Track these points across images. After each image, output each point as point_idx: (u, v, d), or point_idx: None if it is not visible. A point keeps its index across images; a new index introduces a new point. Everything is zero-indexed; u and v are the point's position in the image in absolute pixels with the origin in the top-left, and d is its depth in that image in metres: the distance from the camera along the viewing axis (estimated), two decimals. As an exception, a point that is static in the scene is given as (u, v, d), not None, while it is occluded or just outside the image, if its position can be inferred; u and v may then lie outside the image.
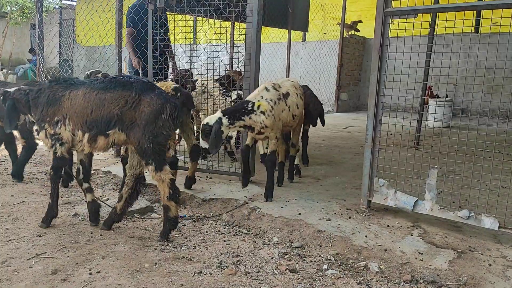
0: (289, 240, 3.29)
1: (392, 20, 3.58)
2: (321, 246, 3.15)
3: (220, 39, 4.88)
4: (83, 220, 3.58)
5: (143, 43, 5.14)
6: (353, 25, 11.85)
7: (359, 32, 12.13)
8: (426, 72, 5.61)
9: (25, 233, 3.26)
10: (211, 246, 3.19)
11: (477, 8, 4.24)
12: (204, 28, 4.91)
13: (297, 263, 2.92)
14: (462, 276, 2.70)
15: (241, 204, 3.90)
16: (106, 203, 3.72)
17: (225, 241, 3.29)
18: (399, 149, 3.87)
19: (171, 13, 5.20)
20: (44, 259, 2.84)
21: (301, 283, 2.66)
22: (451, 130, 7.96)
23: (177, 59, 6.00)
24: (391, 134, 3.86)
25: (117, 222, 3.42)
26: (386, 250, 3.02)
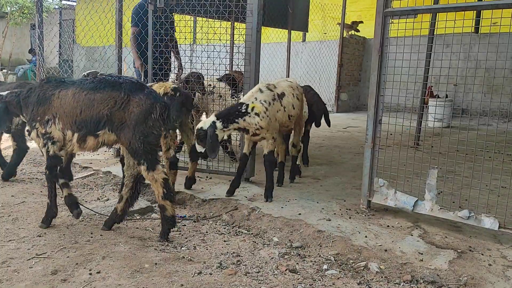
0: (289, 240, 3.29)
1: (392, 20, 3.58)
2: (321, 246, 3.15)
3: (220, 39, 4.88)
4: (83, 220, 3.58)
5: (147, 43, 5.11)
6: (353, 25, 11.85)
7: (359, 32, 12.13)
8: (426, 72, 5.61)
9: (25, 233, 3.26)
10: (211, 246, 3.19)
11: (477, 8, 4.24)
12: (204, 28, 4.91)
13: (297, 263, 2.92)
14: (462, 276, 2.70)
15: (241, 204, 3.90)
16: (88, 208, 3.74)
17: (225, 241, 3.29)
18: (399, 149, 3.87)
19: (174, 14, 5.20)
20: (44, 260, 2.84)
21: (301, 283, 2.66)
22: (451, 130, 7.96)
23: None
24: (391, 134, 3.86)
25: (118, 223, 3.43)
26: (386, 250, 3.02)
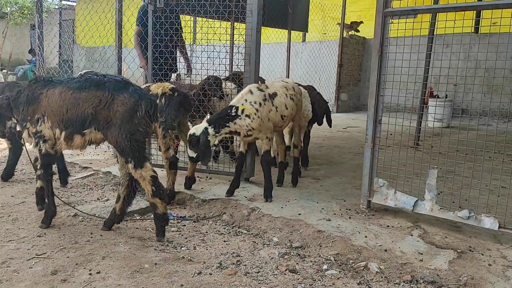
0: (289, 240, 3.29)
1: (392, 20, 3.58)
2: (321, 246, 3.15)
3: (220, 40, 4.88)
4: (83, 220, 3.58)
5: (153, 43, 5.05)
6: (353, 26, 11.85)
7: (359, 32, 12.13)
8: (426, 72, 5.61)
9: (25, 233, 3.26)
10: (211, 246, 3.19)
11: (477, 8, 4.24)
12: (204, 28, 4.91)
13: (297, 264, 2.92)
14: (462, 276, 2.70)
15: (241, 204, 3.89)
16: (78, 209, 3.75)
17: (225, 241, 3.29)
18: (399, 149, 3.87)
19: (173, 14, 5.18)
20: (44, 260, 2.84)
21: (301, 284, 2.66)
22: (451, 130, 7.96)
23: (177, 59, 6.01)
24: (391, 134, 3.86)
25: (117, 223, 3.42)
26: (386, 250, 3.02)
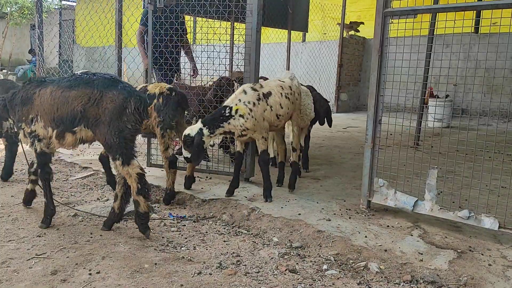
0: (289, 240, 3.29)
1: (392, 20, 3.58)
2: (321, 246, 3.15)
3: (220, 40, 4.88)
4: (82, 220, 3.58)
5: (161, 43, 5.00)
6: (353, 26, 11.84)
7: (359, 32, 12.13)
8: (426, 72, 5.61)
9: (24, 233, 3.26)
10: (211, 246, 3.19)
11: (477, 8, 4.24)
12: (203, 28, 4.90)
13: (297, 264, 2.92)
14: (462, 276, 2.70)
15: (241, 204, 3.89)
16: (77, 209, 3.76)
17: (225, 241, 3.29)
18: (399, 149, 3.87)
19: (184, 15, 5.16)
20: (43, 260, 2.84)
21: (301, 284, 2.65)
22: (451, 130, 7.96)
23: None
24: (391, 134, 3.86)
25: (117, 222, 3.42)
26: (386, 250, 3.02)
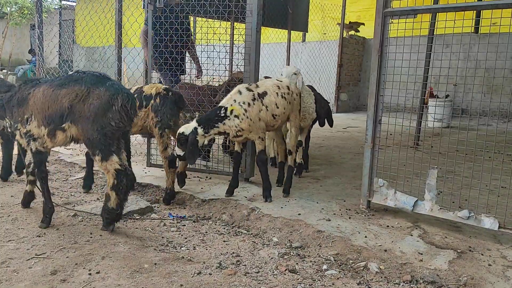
0: (289, 240, 3.29)
1: (391, 20, 3.58)
2: (320, 246, 3.15)
3: (219, 40, 4.88)
4: (82, 220, 3.58)
5: (161, 43, 4.99)
6: (353, 26, 11.84)
7: (359, 32, 12.13)
8: (426, 72, 5.61)
9: (24, 233, 3.26)
10: (210, 246, 3.19)
11: (477, 8, 4.24)
12: (203, 28, 4.90)
13: (297, 264, 2.92)
14: (462, 276, 2.70)
15: (240, 204, 3.89)
16: (77, 209, 3.77)
17: (224, 241, 3.29)
18: (399, 149, 3.87)
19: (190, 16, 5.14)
20: (43, 260, 2.84)
21: (300, 284, 2.65)
22: (450, 130, 7.96)
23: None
24: (391, 134, 3.86)
25: (117, 221, 3.42)
26: (386, 250, 3.02)
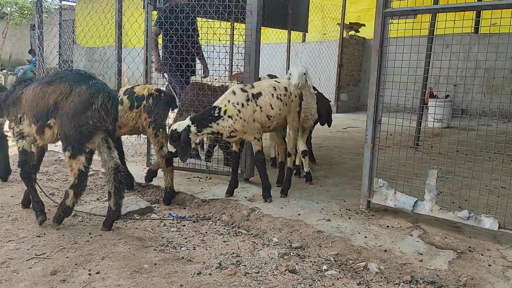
0: (289, 240, 3.29)
1: (391, 20, 3.58)
2: (320, 246, 3.15)
3: (219, 40, 4.88)
4: (82, 220, 3.58)
5: (170, 44, 4.98)
6: (353, 26, 11.84)
7: (359, 32, 12.13)
8: (425, 72, 5.61)
9: (24, 233, 3.26)
10: (210, 246, 3.19)
11: (477, 8, 4.24)
12: (203, 28, 4.90)
13: (297, 264, 2.92)
14: (461, 276, 2.70)
15: (240, 204, 3.89)
16: (51, 198, 3.89)
17: (224, 241, 3.29)
18: (398, 149, 3.88)
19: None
20: (43, 260, 2.84)
21: (300, 284, 2.65)
22: (450, 130, 7.96)
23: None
24: (391, 134, 3.86)
25: (116, 219, 3.42)
26: (385, 250, 3.02)
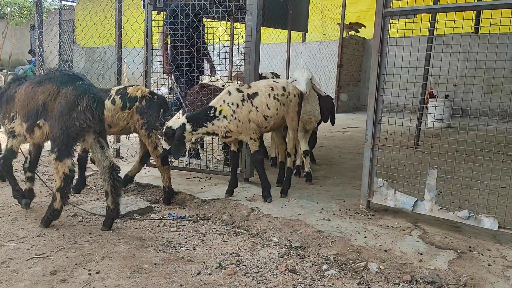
0: (289, 240, 3.29)
1: (391, 20, 3.58)
2: (320, 246, 3.15)
3: (219, 40, 4.88)
4: (82, 220, 3.58)
5: (179, 44, 4.94)
6: (353, 26, 11.84)
7: (359, 32, 12.13)
8: (425, 72, 5.61)
9: (24, 233, 3.26)
10: (210, 246, 3.19)
11: (477, 8, 4.24)
12: (203, 28, 4.90)
13: (297, 264, 2.92)
14: (461, 276, 2.70)
15: (240, 204, 3.89)
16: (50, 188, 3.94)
17: (224, 241, 3.29)
18: (398, 149, 3.87)
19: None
20: (43, 260, 2.84)
21: (300, 284, 2.65)
22: (450, 130, 7.96)
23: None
24: (391, 134, 3.86)
25: (116, 218, 3.42)
26: (385, 250, 3.02)
